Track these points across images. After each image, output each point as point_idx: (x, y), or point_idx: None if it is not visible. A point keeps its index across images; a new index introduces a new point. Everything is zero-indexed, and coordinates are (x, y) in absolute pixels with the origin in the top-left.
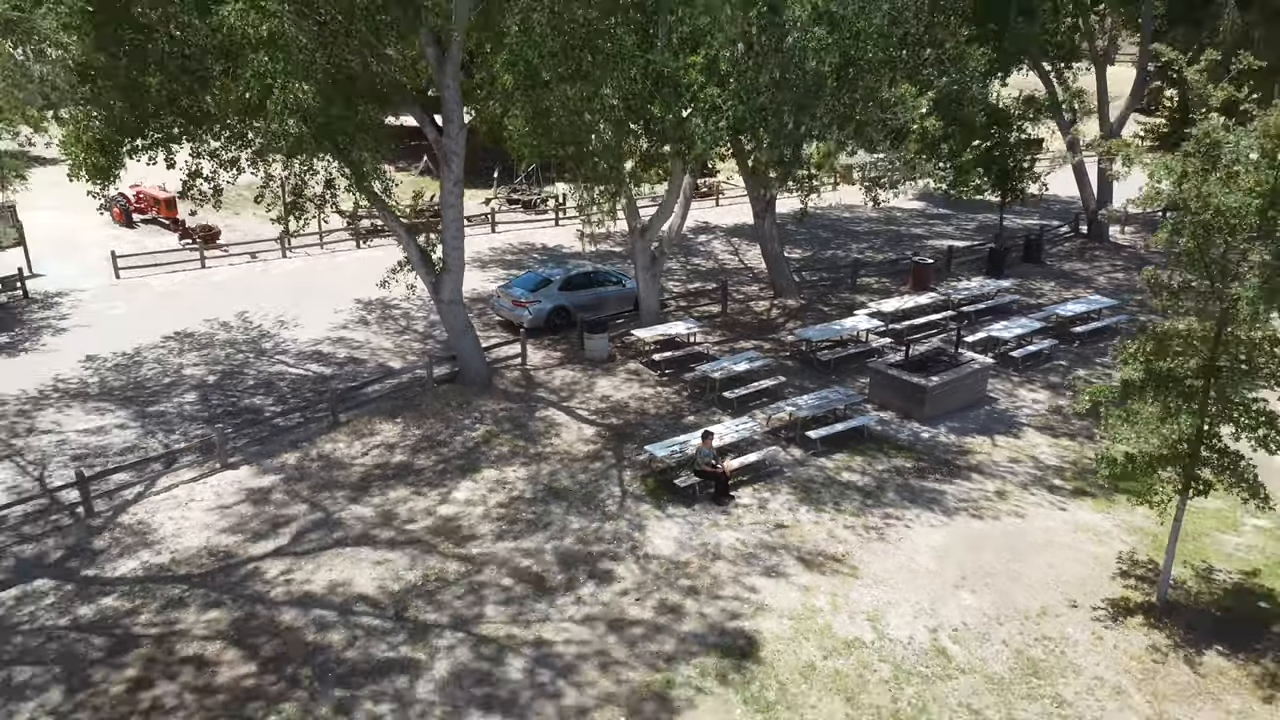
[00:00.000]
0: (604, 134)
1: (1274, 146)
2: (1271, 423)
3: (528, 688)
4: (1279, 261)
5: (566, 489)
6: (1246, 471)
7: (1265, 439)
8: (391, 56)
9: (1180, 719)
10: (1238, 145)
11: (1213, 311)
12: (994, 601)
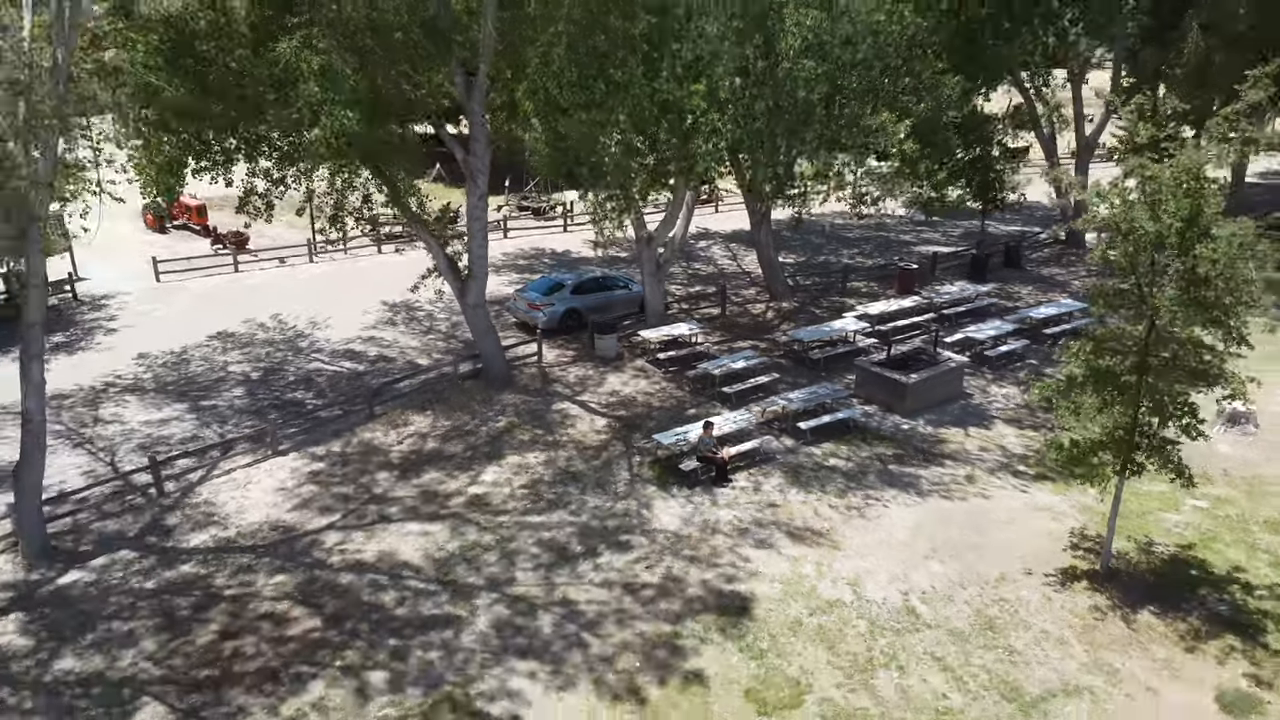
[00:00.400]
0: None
1: (1188, 181)
2: (1194, 413)
3: (557, 638)
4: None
5: (581, 473)
6: (1173, 455)
7: (1188, 427)
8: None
9: (1113, 664)
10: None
11: (1142, 316)
12: (959, 569)
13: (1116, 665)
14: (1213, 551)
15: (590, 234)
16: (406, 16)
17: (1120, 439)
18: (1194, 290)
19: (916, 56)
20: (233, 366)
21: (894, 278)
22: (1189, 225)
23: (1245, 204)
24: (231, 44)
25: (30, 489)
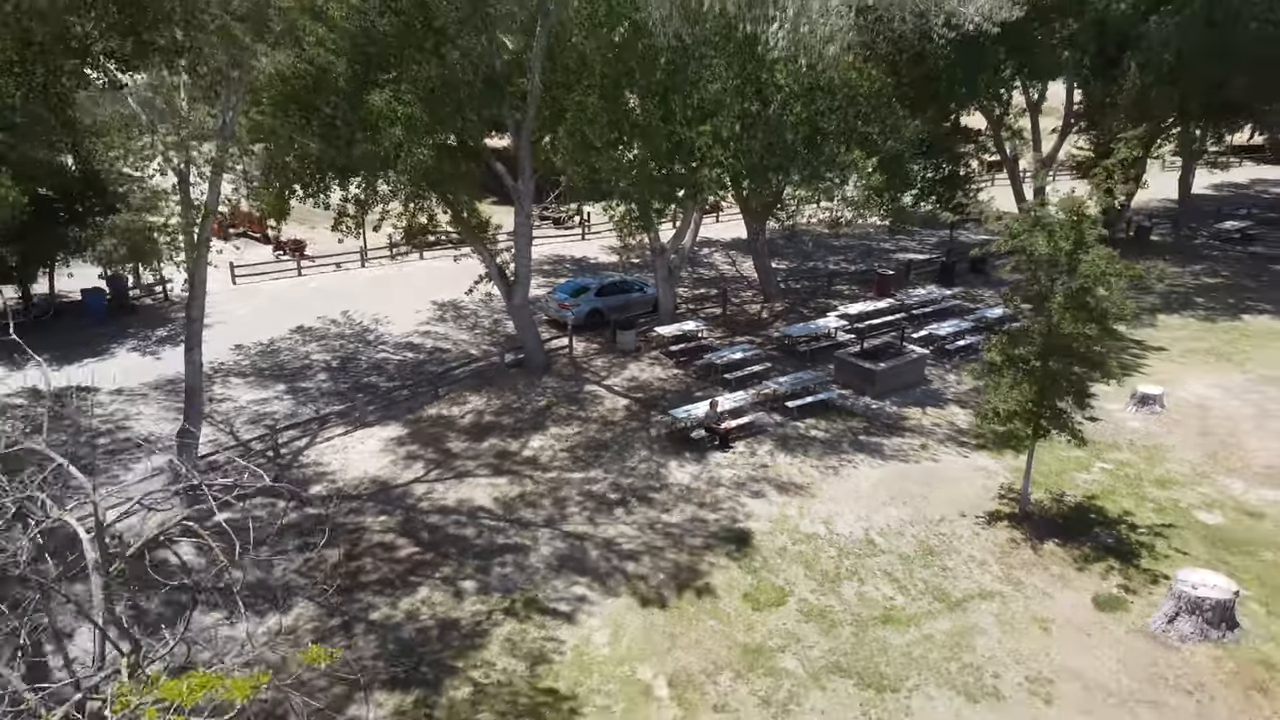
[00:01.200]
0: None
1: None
2: (1082, 389)
3: (601, 561)
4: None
5: (610, 441)
6: (1069, 421)
7: (1078, 401)
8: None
9: (1020, 578)
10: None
11: (1041, 317)
12: (909, 512)
13: (1022, 579)
14: (1110, 501)
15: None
16: (471, 74)
17: (1029, 410)
18: (1077, 297)
19: (884, 104)
20: (314, 356)
21: (872, 282)
22: (1074, 250)
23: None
24: (333, 96)
25: (191, 449)
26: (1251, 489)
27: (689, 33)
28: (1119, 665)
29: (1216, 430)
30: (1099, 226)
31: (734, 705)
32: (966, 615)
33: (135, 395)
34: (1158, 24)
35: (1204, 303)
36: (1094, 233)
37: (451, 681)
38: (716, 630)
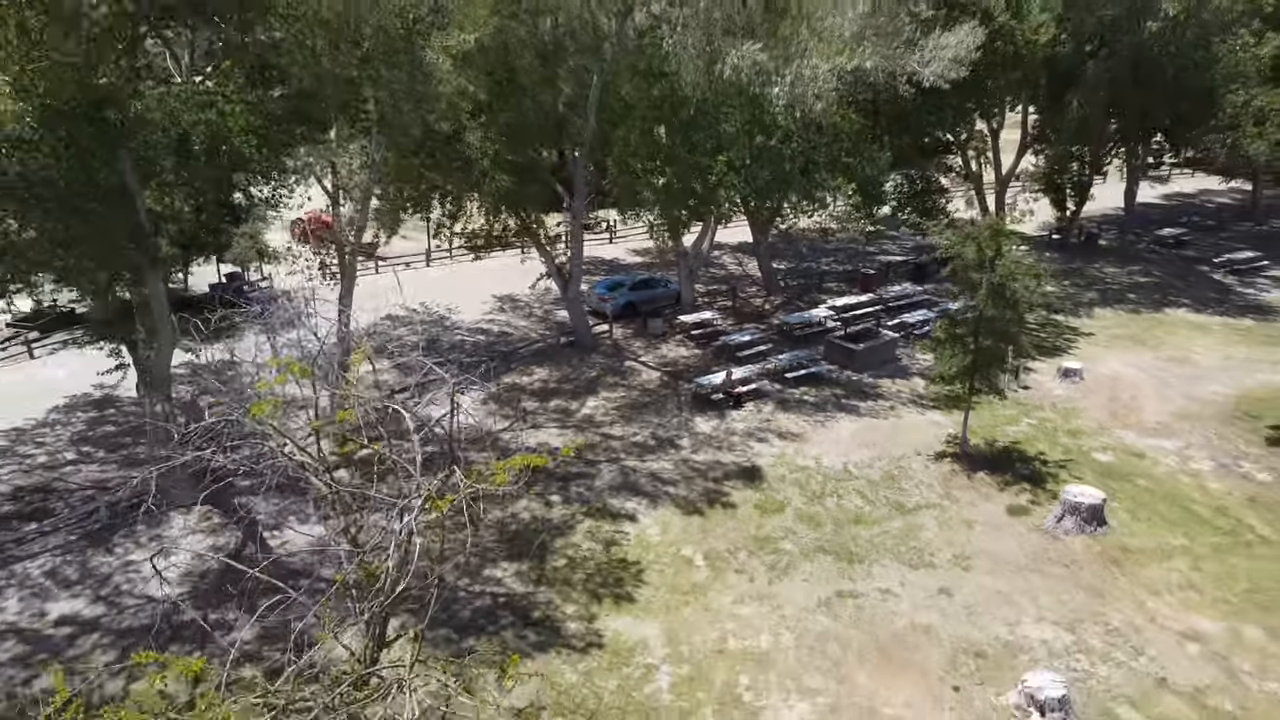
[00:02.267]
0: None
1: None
2: (1001, 359)
3: (649, 486)
4: (995, 280)
5: (648, 403)
6: (997, 383)
7: (1005, 368)
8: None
9: (956, 495)
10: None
11: (972, 302)
12: (877, 453)
13: (957, 496)
14: (1030, 445)
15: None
16: (543, 119)
17: (964, 371)
18: (997, 290)
19: (862, 141)
20: (406, 338)
21: (857, 280)
22: (995, 255)
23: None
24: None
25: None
26: (1139, 438)
27: (709, 88)
28: (1019, 548)
29: (1121, 396)
30: (1013, 238)
31: (749, 570)
32: (914, 518)
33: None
34: (1094, 67)
35: (1134, 298)
36: (1008, 243)
37: (552, 557)
38: (735, 527)
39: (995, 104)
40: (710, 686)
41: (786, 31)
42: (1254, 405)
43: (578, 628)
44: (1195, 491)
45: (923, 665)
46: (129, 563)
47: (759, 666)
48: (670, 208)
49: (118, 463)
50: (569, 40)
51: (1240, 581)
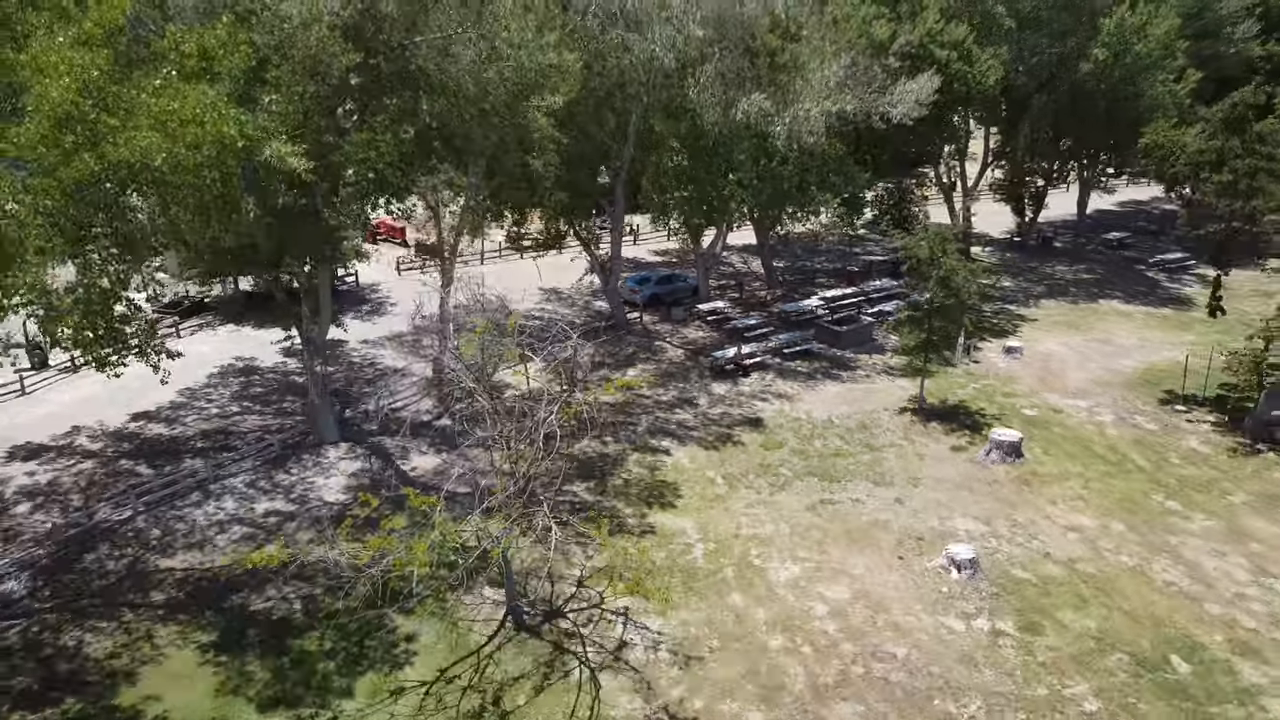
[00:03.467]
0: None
1: (938, 235)
2: (951, 336)
3: (679, 431)
4: (941, 274)
5: (674, 372)
6: (947, 356)
7: (954, 344)
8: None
9: (913, 438)
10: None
11: (927, 291)
12: (854, 409)
13: (914, 438)
14: (974, 403)
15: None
16: (593, 149)
17: (920, 346)
18: (943, 281)
19: (845, 165)
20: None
21: (844, 276)
22: (942, 254)
23: (1088, 227)
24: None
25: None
26: (1060, 399)
27: (725, 125)
28: (956, 473)
29: (1052, 368)
30: (955, 242)
31: (756, 486)
32: (880, 453)
33: (374, 345)
34: (1039, 100)
35: (1075, 291)
36: (951, 246)
37: (611, 478)
38: (745, 459)
39: (956, 131)
40: (731, 556)
41: (784, 81)
42: (1155, 376)
43: (635, 521)
44: (1095, 436)
45: (878, 544)
46: (303, 478)
47: (764, 545)
48: (691, 216)
49: (271, 413)
50: (617, 91)
51: (1116, 495)
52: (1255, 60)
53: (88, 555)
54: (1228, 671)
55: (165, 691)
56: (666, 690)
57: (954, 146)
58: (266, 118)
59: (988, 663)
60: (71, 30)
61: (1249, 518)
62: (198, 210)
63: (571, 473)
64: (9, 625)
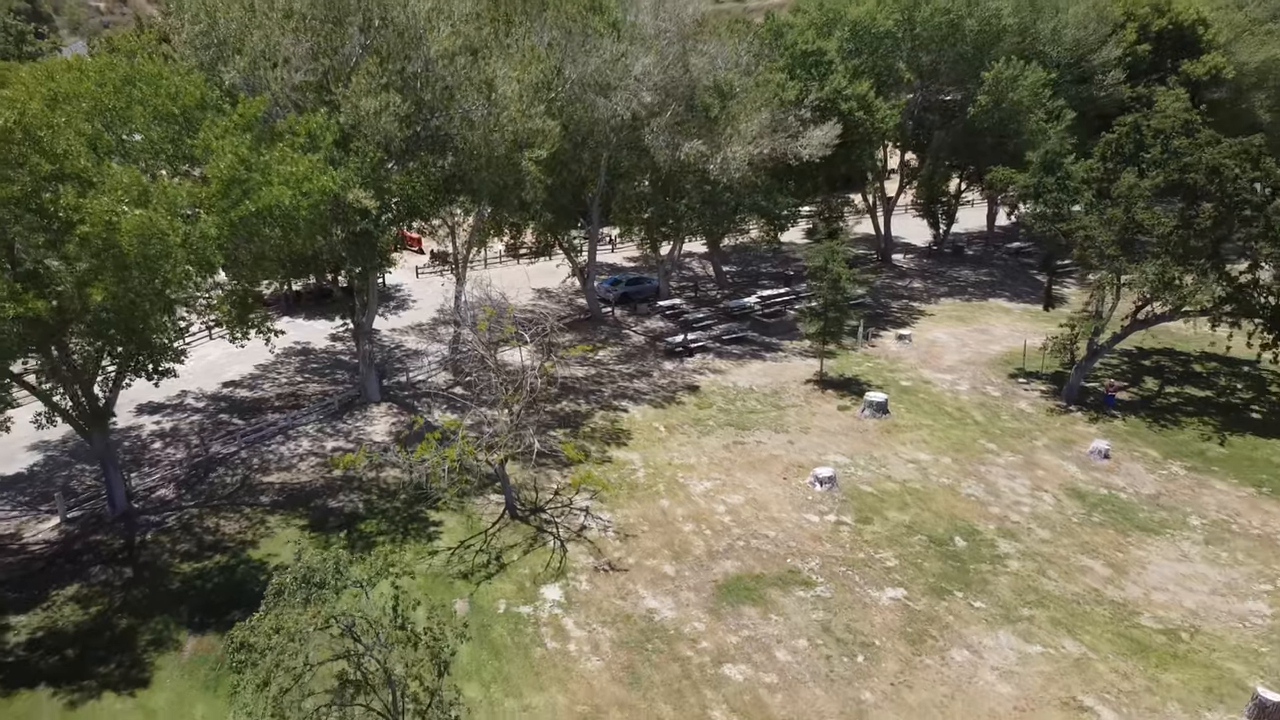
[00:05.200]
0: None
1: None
2: (841, 325)
3: (636, 395)
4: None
5: (636, 353)
6: (839, 337)
7: (838, 331)
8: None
9: (814, 401)
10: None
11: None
12: (771, 380)
13: (812, 401)
14: (863, 377)
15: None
16: (573, 179)
17: (820, 332)
18: (833, 284)
19: (771, 191)
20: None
21: (780, 278)
22: (832, 262)
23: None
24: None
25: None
26: (932, 374)
27: (673, 162)
28: (838, 425)
29: (933, 352)
30: (846, 252)
31: (688, 433)
32: (784, 411)
33: (402, 332)
34: (938, 135)
35: (972, 291)
36: (841, 256)
37: (582, 427)
38: (683, 414)
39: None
40: (664, 477)
41: (718, 130)
42: (1013, 358)
43: (598, 455)
44: (950, 400)
45: (770, 470)
46: (356, 426)
47: (688, 470)
48: (651, 231)
49: (327, 381)
50: (590, 137)
51: (951, 439)
52: (1126, 100)
53: (211, 474)
54: (990, 545)
55: (279, 551)
56: (610, 553)
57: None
58: (348, 172)
59: (829, 540)
60: (225, 122)
61: (1042, 454)
62: (307, 235)
63: (552, 423)
64: (168, 515)
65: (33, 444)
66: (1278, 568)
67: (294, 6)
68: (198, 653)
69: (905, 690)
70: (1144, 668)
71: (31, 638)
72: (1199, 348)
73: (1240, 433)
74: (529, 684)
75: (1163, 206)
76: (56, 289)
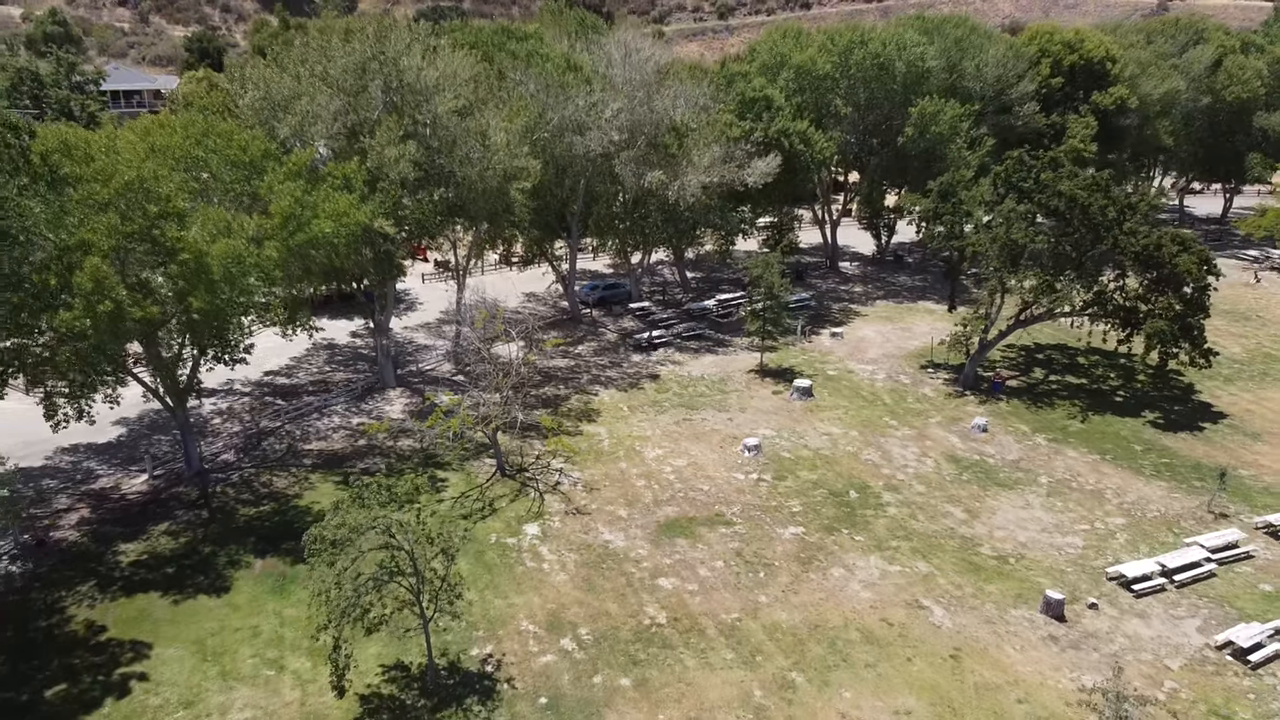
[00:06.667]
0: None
1: (765, 264)
2: (778, 323)
3: (607, 382)
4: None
5: (609, 347)
6: (777, 334)
7: (794, 331)
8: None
9: (752, 387)
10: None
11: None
12: (720, 370)
13: (751, 387)
14: (797, 368)
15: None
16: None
17: (759, 330)
18: (770, 291)
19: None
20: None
21: (738, 284)
22: (766, 273)
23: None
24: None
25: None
26: (856, 365)
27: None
28: (770, 406)
29: (860, 346)
30: (780, 264)
31: (647, 412)
32: (727, 395)
33: (412, 330)
34: (873, 160)
35: (905, 295)
36: (775, 268)
37: (560, 407)
38: (644, 397)
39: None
40: (624, 445)
41: (676, 162)
42: (927, 352)
43: (572, 429)
44: (866, 386)
45: (710, 440)
46: (376, 406)
47: (644, 440)
48: (624, 244)
49: (350, 371)
50: (569, 168)
51: (861, 417)
52: (1043, 128)
53: (262, 443)
54: (876, 496)
55: (320, 499)
56: (578, 502)
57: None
58: (374, 205)
59: (751, 492)
60: (282, 170)
61: (934, 429)
62: (345, 256)
63: (536, 404)
64: (231, 473)
65: (116, 419)
66: (1098, 513)
67: (330, 73)
68: (264, 570)
69: (791, 595)
70: (974, 581)
71: (138, 559)
72: (1088, 343)
73: (1101, 413)
74: (513, 590)
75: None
76: (157, 298)
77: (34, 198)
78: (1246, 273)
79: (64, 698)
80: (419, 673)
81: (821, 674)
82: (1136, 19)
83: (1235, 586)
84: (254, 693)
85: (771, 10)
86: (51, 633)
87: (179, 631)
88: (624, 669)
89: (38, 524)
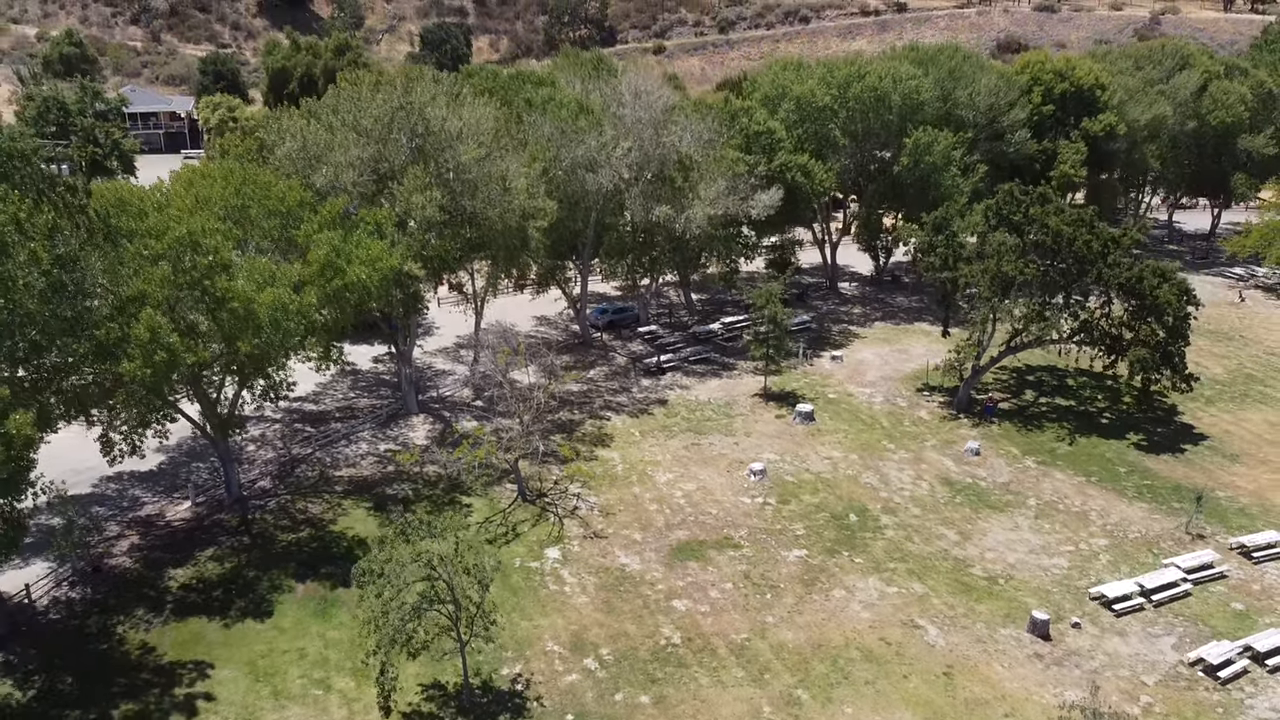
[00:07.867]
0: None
1: (766, 294)
2: (780, 348)
3: (618, 407)
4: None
5: (619, 372)
6: (785, 356)
7: (778, 351)
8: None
9: (757, 410)
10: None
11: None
12: (726, 394)
13: (757, 411)
14: (799, 391)
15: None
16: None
17: (763, 354)
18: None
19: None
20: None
21: (743, 307)
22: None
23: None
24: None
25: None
26: (856, 388)
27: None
28: (774, 430)
29: (859, 369)
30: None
31: (658, 436)
32: (733, 419)
33: (431, 354)
34: (871, 187)
35: (902, 316)
36: (776, 297)
37: (575, 432)
38: (655, 422)
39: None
40: (637, 470)
41: (685, 196)
42: (923, 374)
43: (587, 454)
44: (865, 409)
45: (717, 465)
46: (400, 431)
47: (656, 465)
48: (633, 271)
49: (374, 397)
50: (581, 201)
51: (860, 440)
52: (1035, 154)
53: (296, 470)
54: (874, 519)
55: (354, 525)
56: (595, 526)
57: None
58: (403, 247)
59: (757, 516)
60: (318, 218)
61: (929, 452)
62: (377, 297)
63: (552, 429)
64: (269, 500)
65: (157, 448)
66: (1083, 534)
67: (362, 123)
68: (306, 594)
69: (796, 615)
70: (966, 601)
71: (187, 584)
72: (1076, 366)
73: (1088, 434)
74: (538, 612)
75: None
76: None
77: (93, 251)
78: (1232, 291)
79: (131, 716)
80: (455, 691)
81: (825, 691)
82: (1129, 32)
83: (1209, 605)
84: (305, 711)
85: (771, 25)
86: (112, 655)
87: (231, 653)
88: (643, 687)
89: (93, 551)
